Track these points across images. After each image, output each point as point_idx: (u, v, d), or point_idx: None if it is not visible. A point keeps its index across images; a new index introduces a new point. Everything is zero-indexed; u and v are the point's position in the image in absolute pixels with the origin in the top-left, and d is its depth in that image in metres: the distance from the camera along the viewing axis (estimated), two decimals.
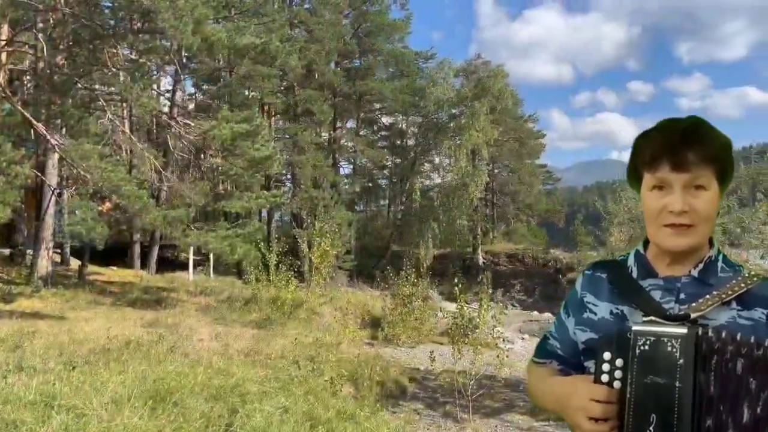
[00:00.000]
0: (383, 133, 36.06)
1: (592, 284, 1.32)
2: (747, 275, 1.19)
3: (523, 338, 18.47)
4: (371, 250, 30.84)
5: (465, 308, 9.32)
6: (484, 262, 31.71)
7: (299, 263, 17.32)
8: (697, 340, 1.08)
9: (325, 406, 5.95)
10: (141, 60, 12.45)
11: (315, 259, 15.12)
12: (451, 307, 10.65)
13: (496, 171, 37.76)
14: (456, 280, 9.54)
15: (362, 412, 6.16)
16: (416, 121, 32.87)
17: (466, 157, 28.73)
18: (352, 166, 31.45)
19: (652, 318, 1.15)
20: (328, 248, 15.12)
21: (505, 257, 32.84)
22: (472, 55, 41.37)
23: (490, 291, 9.26)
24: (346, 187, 29.04)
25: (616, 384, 1.13)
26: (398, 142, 35.35)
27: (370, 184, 35.37)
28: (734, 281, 1.17)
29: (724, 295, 1.15)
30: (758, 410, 1.05)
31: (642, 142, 1.23)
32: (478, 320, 9.66)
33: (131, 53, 12.86)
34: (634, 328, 1.13)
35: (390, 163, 34.37)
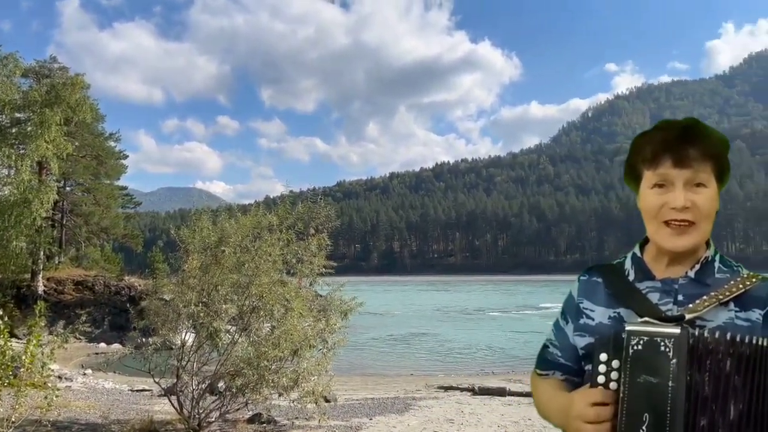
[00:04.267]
0: None
1: (588, 289, 1.30)
2: (745, 276, 1.20)
3: (85, 374, 16.94)
4: None
5: (9, 344, 7.98)
6: (45, 291, 28.03)
7: None
8: (692, 340, 1.08)
9: None
10: None
11: None
12: None
13: (67, 189, 34.10)
14: (1, 312, 8.10)
15: None
16: None
17: (30, 170, 25.02)
18: None
19: (647, 319, 1.15)
20: None
21: (71, 284, 29.72)
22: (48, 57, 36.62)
23: (44, 323, 8.15)
24: None
25: (613, 385, 1.12)
26: None
27: None
28: (732, 282, 1.18)
29: (721, 296, 1.16)
30: (741, 406, 1.06)
31: (641, 140, 1.23)
32: (25, 358, 8.38)
33: None
34: (628, 327, 1.12)
35: None
